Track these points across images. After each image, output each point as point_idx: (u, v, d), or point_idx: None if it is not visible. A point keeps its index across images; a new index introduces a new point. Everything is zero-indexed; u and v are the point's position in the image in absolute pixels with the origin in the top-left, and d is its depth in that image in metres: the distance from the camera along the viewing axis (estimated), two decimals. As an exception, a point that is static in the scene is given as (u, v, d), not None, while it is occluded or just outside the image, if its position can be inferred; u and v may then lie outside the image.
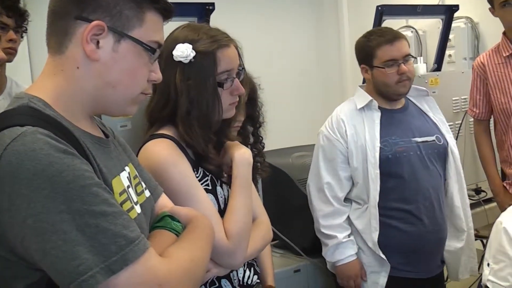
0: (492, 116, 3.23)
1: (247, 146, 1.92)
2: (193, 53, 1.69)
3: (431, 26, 5.14)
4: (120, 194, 1.21)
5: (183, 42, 1.70)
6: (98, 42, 1.18)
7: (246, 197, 1.76)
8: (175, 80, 1.71)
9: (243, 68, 1.82)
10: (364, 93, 2.66)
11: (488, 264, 2.25)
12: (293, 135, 4.02)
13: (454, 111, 3.34)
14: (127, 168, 1.32)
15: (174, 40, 1.73)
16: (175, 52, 1.69)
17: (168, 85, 1.72)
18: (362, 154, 2.54)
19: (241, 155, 1.79)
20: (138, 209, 1.27)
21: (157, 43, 1.26)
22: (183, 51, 1.68)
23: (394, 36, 2.58)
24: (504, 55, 3.10)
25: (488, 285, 2.21)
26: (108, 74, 1.21)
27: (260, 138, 2.19)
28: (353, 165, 2.56)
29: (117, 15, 1.19)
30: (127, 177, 1.29)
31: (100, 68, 1.20)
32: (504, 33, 3.15)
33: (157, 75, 1.30)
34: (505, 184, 3.21)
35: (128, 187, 1.27)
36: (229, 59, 1.74)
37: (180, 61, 1.70)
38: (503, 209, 3.23)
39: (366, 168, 2.52)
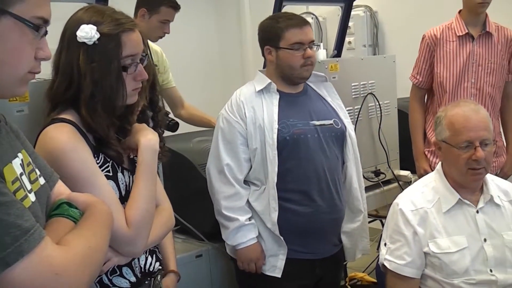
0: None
1: None
2: (97, 35, 1.64)
3: (331, 13, 5.24)
4: (13, 182, 1.16)
5: (87, 24, 1.65)
6: None
7: (150, 184, 1.74)
8: (79, 62, 1.66)
9: (147, 54, 1.79)
10: (263, 76, 2.68)
11: (385, 244, 2.33)
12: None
13: (354, 96, 3.42)
14: (20, 155, 1.27)
15: (77, 20, 1.68)
16: (79, 33, 1.64)
17: (71, 66, 1.67)
18: (260, 135, 2.56)
19: (147, 141, 1.76)
20: (32, 197, 1.22)
21: (42, 19, 1.19)
22: (87, 32, 1.63)
23: (303, 21, 2.65)
24: (458, 34, 3.35)
25: (385, 263, 2.30)
26: None
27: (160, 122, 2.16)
28: (252, 147, 2.57)
29: None
30: (20, 164, 1.24)
31: None
32: (459, 13, 3.40)
33: (45, 53, 1.23)
34: (426, 151, 3.45)
35: (21, 174, 1.22)
36: (133, 43, 1.71)
37: (84, 43, 1.65)
38: (418, 173, 3.42)
39: (265, 149, 2.55)
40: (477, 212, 2.29)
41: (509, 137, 3.52)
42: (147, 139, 1.76)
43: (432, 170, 3.33)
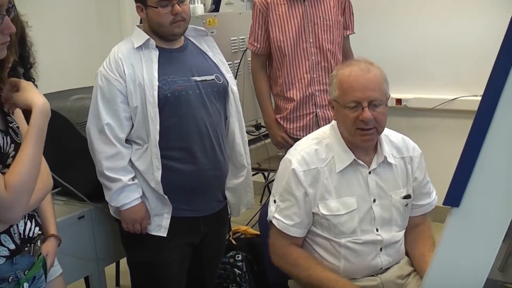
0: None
1: None
2: None
3: (208, -34, 5.15)
4: None
5: None
6: None
7: (38, 150, 1.65)
8: None
9: (13, 5, 1.68)
10: (142, 32, 2.61)
11: (275, 201, 2.31)
12: (70, 77, 3.86)
13: (233, 51, 3.42)
14: None
15: None
16: None
17: None
18: (140, 93, 2.50)
19: (43, 105, 1.66)
20: None
21: None
22: None
23: None
24: None
25: (273, 221, 2.29)
26: None
27: (32, 80, 2.05)
28: (132, 105, 2.52)
29: None
30: None
31: None
32: None
33: None
34: (277, 118, 3.41)
35: None
36: None
37: None
38: (275, 141, 3.47)
39: (145, 107, 2.50)
40: (369, 173, 2.29)
41: None
42: (43, 102, 1.67)
43: (289, 136, 3.38)
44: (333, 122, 2.36)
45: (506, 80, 0.90)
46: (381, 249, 2.30)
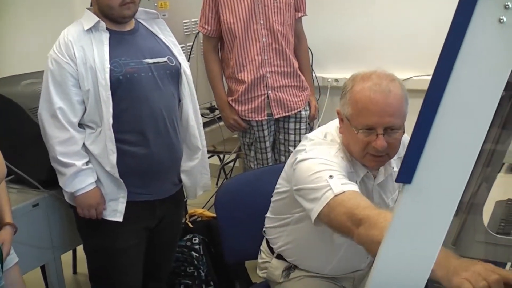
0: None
1: None
2: None
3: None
4: None
5: None
6: None
7: None
8: None
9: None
10: (91, 14, 2.58)
11: (331, 176, 1.87)
12: (19, 62, 3.80)
13: (185, 33, 3.40)
14: None
15: None
16: None
17: None
18: (92, 76, 2.48)
19: None
20: None
21: None
22: None
23: None
24: None
25: (345, 187, 1.84)
26: None
27: None
28: (84, 88, 2.49)
29: None
30: None
31: None
32: None
33: None
34: (229, 101, 3.42)
35: None
36: None
37: None
38: (227, 123, 3.44)
39: (98, 90, 2.47)
40: (375, 185, 2.10)
41: (306, 76, 3.56)
42: None
43: (241, 118, 3.36)
44: (336, 133, 2.10)
45: (456, 58, 0.92)
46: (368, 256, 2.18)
